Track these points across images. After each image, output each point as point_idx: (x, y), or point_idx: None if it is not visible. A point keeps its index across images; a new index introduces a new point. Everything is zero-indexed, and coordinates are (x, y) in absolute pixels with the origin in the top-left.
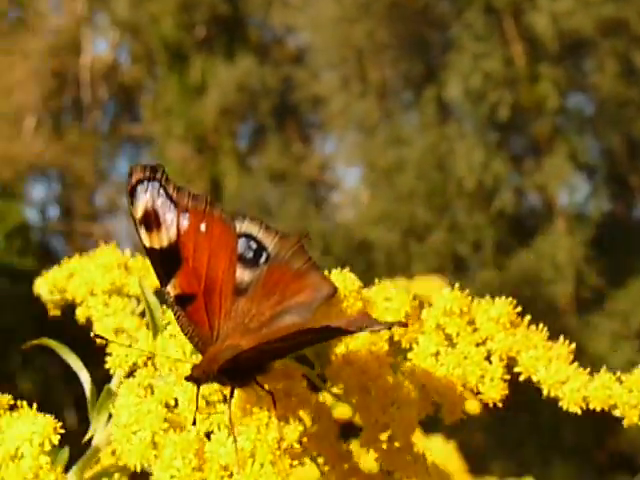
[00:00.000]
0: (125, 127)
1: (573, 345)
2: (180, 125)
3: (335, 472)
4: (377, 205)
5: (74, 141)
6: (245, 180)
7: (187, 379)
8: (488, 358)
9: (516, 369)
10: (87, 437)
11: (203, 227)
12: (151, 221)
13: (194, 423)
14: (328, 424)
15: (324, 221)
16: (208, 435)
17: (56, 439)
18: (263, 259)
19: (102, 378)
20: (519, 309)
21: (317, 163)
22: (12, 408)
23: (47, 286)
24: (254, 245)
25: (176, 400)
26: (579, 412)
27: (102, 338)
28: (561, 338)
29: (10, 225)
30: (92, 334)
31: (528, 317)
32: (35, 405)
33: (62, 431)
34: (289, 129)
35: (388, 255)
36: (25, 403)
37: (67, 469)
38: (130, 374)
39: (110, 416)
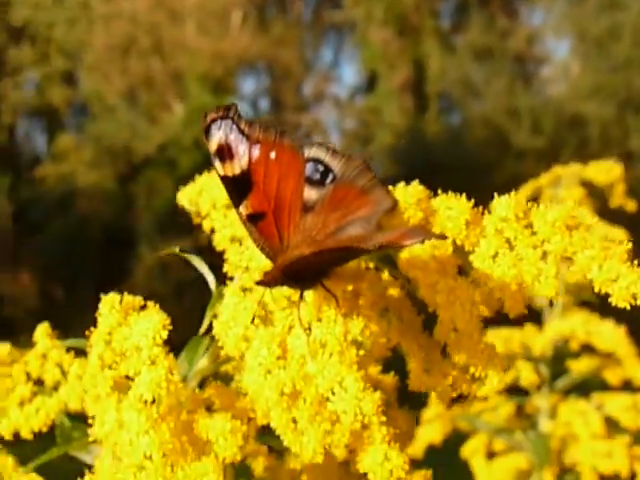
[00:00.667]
0: (327, 14)
1: (630, 245)
2: (381, 8)
3: (415, 359)
4: (589, 77)
5: (279, 33)
6: (449, 60)
7: (257, 284)
8: (544, 259)
9: (571, 268)
10: (201, 330)
11: (273, 155)
12: (224, 153)
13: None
14: (410, 316)
15: (533, 97)
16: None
17: (165, 334)
18: (330, 179)
19: None
20: (578, 212)
21: (524, 37)
22: (143, 308)
23: (186, 199)
24: (321, 167)
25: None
26: (628, 307)
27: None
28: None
29: None
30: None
31: (590, 220)
32: (157, 305)
33: (170, 327)
34: (493, 3)
35: (602, 129)
36: (152, 303)
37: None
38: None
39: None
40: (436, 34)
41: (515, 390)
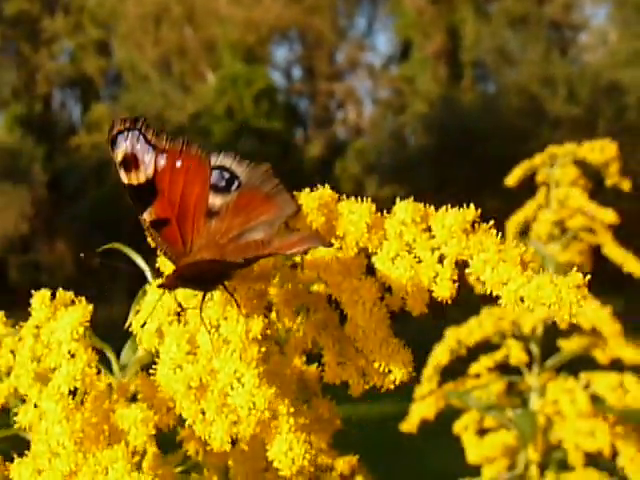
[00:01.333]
0: None
1: (526, 248)
2: None
3: (330, 353)
4: (627, 44)
5: (312, 0)
6: (483, 27)
7: (159, 286)
8: (441, 262)
9: (467, 270)
10: (126, 326)
11: (179, 163)
12: (130, 163)
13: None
14: (326, 313)
15: (569, 65)
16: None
17: (81, 330)
18: (234, 186)
19: None
20: (476, 217)
21: (561, 3)
22: (73, 303)
23: None
24: (227, 175)
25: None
26: (516, 309)
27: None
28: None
29: (257, 88)
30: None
31: (486, 224)
32: (83, 300)
33: (87, 324)
34: None
35: None
36: (82, 299)
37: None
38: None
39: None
40: (471, 1)
41: (508, 368)
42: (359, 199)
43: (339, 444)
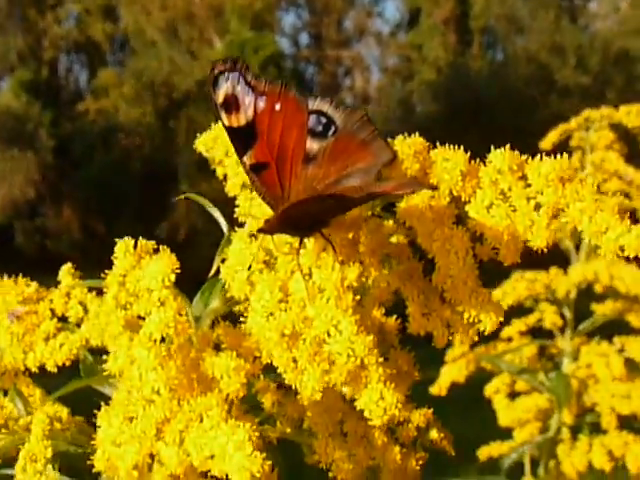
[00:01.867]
0: None
1: (622, 198)
2: None
3: (415, 304)
4: (638, 12)
5: None
6: None
7: (258, 231)
8: (537, 210)
9: (563, 219)
10: (210, 273)
11: (278, 106)
12: (230, 104)
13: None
14: (410, 263)
15: (579, 33)
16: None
17: (172, 277)
18: (331, 132)
19: None
20: (573, 166)
21: None
22: (156, 251)
23: (202, 146)
24: (324, 120)
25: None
26: (615, 259)
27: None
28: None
29: (264, 55)
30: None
31: (582, 174)
32: (168, 249)
33: (178, 271)
34: None
35: None
36: (165, 247)
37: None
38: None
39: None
40: None
41: (539, 332)
42: (451, 146)
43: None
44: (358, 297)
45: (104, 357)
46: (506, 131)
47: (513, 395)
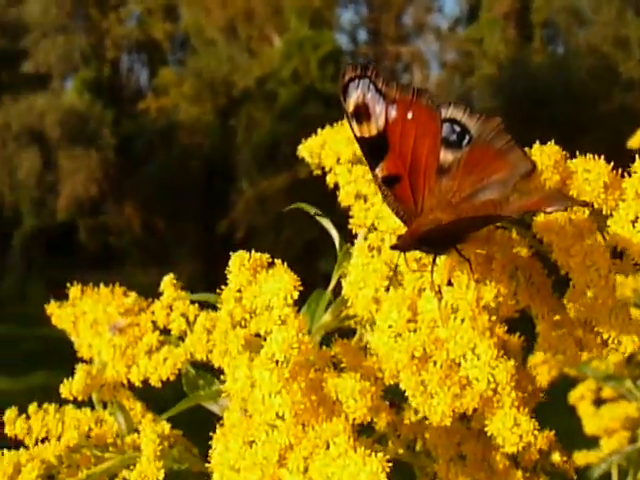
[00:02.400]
0: None
1: None
2: None
3: (545, 322)
4: None
5: None
6: None
7: (392, 248)
8: None
9: None
10: (329, 289)
11: (410, 115)
12: (361, 113)
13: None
14: (540, 279)
15: None
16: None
17: (296, 294)
18: (466, 141)
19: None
20: None
21: None
22: (270, 265)
23: (307, 151)
24: (458, 128)
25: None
26: None
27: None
28: None
29: (323, 52)
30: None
31: None
32: (284, 264)
33: (301, 288)
34: None
35: None
36: (279, 261)
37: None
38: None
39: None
40: None
41: None
42: (593, 156)
43: None
44: (494, 318)
45: (218, 375)
46: (568, 125)
47: (598, 402)
